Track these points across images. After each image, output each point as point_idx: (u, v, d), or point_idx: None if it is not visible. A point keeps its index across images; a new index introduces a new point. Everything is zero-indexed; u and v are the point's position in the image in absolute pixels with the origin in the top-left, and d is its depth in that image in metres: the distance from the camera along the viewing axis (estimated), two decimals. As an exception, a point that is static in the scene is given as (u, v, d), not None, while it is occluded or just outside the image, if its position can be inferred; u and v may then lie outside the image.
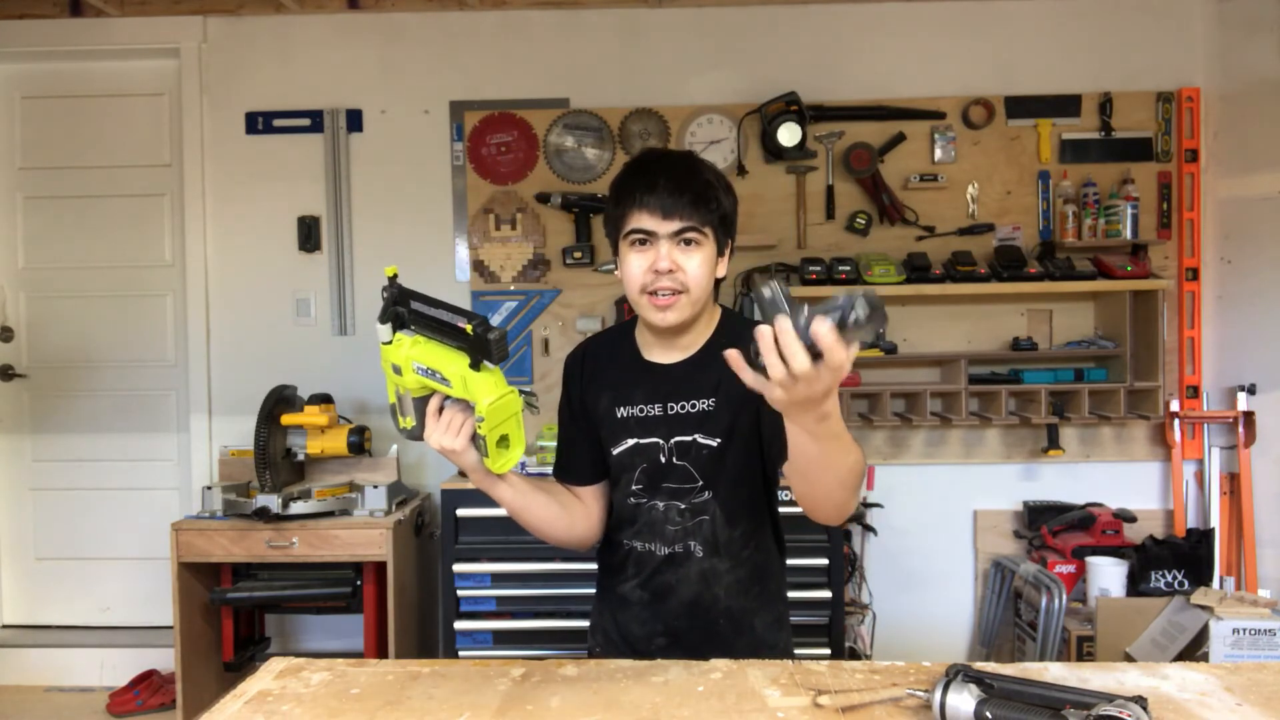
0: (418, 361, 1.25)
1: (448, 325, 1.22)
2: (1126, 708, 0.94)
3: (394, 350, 1.27)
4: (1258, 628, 2.28)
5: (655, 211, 1.32)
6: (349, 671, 1.24)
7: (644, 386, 1.44)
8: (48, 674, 3.42)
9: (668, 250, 1.33)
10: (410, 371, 1.26)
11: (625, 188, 1.37)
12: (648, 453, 1.44)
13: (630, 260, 1.35)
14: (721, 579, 1.46)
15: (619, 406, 1.45)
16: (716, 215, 1.36)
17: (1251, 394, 3.12)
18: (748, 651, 1.45)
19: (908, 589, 3.30)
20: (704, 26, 3.31)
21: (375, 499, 2.93)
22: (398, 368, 1.27)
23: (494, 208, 3.30)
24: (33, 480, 3.58)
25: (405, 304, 1.27)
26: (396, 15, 3.34)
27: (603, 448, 1.48)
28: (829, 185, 3.27)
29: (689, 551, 1.45)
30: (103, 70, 3.47)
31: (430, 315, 1.24)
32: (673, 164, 1.37)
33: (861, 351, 3.16)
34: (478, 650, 2.83)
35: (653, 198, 1.32)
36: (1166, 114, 3.23)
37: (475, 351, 1.20)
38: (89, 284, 3.52)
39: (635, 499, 1.46)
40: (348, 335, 3.38)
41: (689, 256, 1.34)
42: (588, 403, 1.49)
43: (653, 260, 1.33)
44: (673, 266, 1.33)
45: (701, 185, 1.34)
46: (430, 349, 1.25)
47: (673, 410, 1.42)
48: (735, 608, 1.48)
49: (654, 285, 1.34)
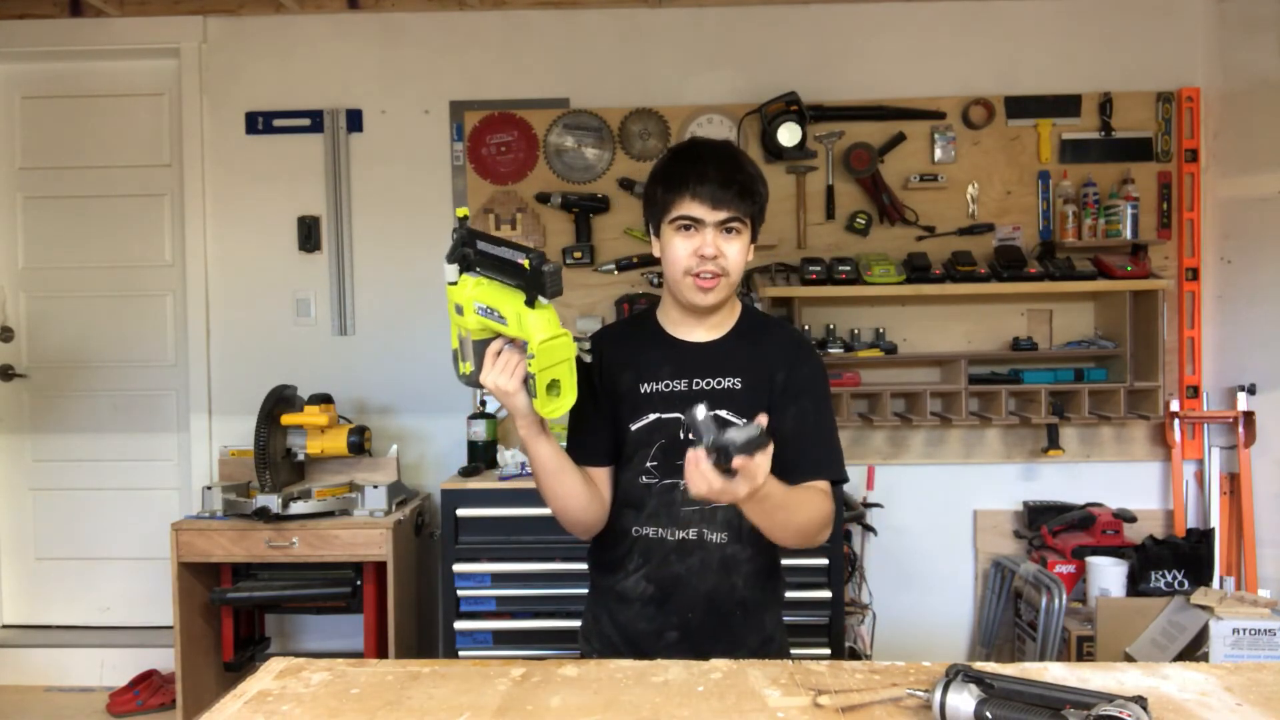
0: (478, 301, 1.30)
1: (509, 263, 1.26)
2: (1126, 708, 0.94)
3: (458, 290, 1.32)
4: (1258, 628, 2.28)
5: (705, 201, 1.39)
6: (349, 671, 1.24)
7: (672, 363, 1.48)
8: (48, 674, 3.42)
9: (713, 237, 1.40)
10: (471, 311, 1.30)
11: (676, 175, 1.42)
12: (667, 428, 1.46)
13: (676, 244, 1.42)
14: (741, 567, 1.47)
15: (643, 382, 1.48)
16: (757, 206, 1.45)
17: (1251, 394, 3.12)
18: (758, 648, 1.47)
19: (908, 589, 3.30)
20: (704, 26, 3.31)
21: (375, 499, 2.93)
22: (460, 308, 1.32)
23: (494, 208, 3.30)
24: (33, 480, 3.58)
25: (473, 245, 1.31)
26: (396, 15, 3.34)
27: (617, 427, 1.49)
28: (829, 185, 3.27)
29: (702, 538, 1.46)
30: (103, 70, 3.47)
31: (493, 254, 1.28)
32: (721, 156, 1.44)
33: (861, 352, 3.19)
34: (478, 650, 2.83)
35: (704, 188, 1.39)
36: (1166, 114, 3.23)
37: (530, 286, 1.24)
38: (89, 284, 3.52)
39: (647, 478, 1.47)
40: (348, 335, 3.38)
41: (730, 243, 1.42)
42: (606, 382, 1.51)
43: (698, 245, 1.41)
44: (717, 253, 1.40)
45: (747, 179, 1.42)
46: (490, 289, 1.29)
47: (698, 386, 1.46)
48: (750, 599, 1.49)
49: (698, 269, 1.41)
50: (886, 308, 3.26)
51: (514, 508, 2.79)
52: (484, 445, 3.11)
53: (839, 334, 3.23)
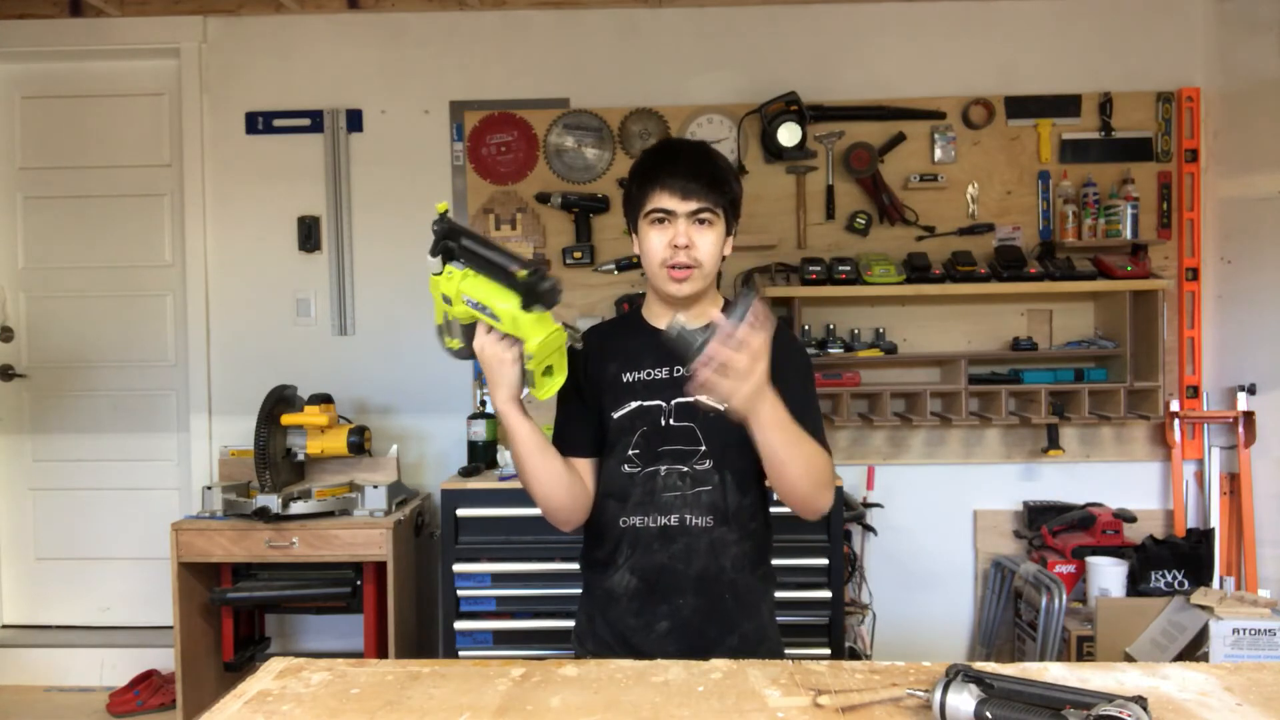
0: (468, 295, 1.29)
1: (500, 268, 1.27)
2: (1126, 708, 0.94)
3: (445, 282, 1.32)
4: (1258, 628, 2.28)
5: (675, 193, 1.43)
6: (349, 671, 1.24)
7: (654, 352, 1.50)
8: (48, 674, 3.42)
9: (685, 228, 1.44)
10: (460, 303, 1.30)
11: (647, 171, 1.48)
12: (649, 415, 1.48)
13: (650, 237, 1.46)
14: (729, 550, 1.48)
15: (626, 372, 1.52)
16: (728, 199, 1.48)
17: (1251, 394, 3.12)
18: (753, 636, 1.48)
19: (908, 589, 3.30)
20: (704, 26, 3.31)
21: (375, 499, 2.94)
22: (448, 298, 1.32)
23: (494, 208, 3.30)
24: (33, 480, 3.58)
25: (455, 239, 1.31)
26: (396, 15, 3.34)
27: (601, 418, 1.52)
28: (829, 185, 3.27)
29: (685, 523, 1.46)
30: (103, 70, 3.47)
31: (482, 255, 1.28)
32: (690, 151, 1.50)
33: (861, 352, 3.19)
34: (477, 650, 2.83)
35: (674, 180, 1.44)
36: (1166, 114, 3.23)
37: (526, 296, 1.24)
38: (89, 284, 3.52)
39: (630, 466, 1.48)
40: (348, 335, 3.38)
41: (703, 235, 1.45)
42: (593, 373, 1.53)
43: (671, 237, 1.44)
44: (688, 243, 1.44)
45: (717, 170, 1.47)
46: (481, 283, 1.29)
47: (679, 374, 1.47)
48: (741, 583, 1.49)
49: (672, 260, 1.45)
50: (886, 308, 3.26)
51: (514, 508, 2.79)
52: (484, 445, 3.11)
53: (839, 334, 3.23)
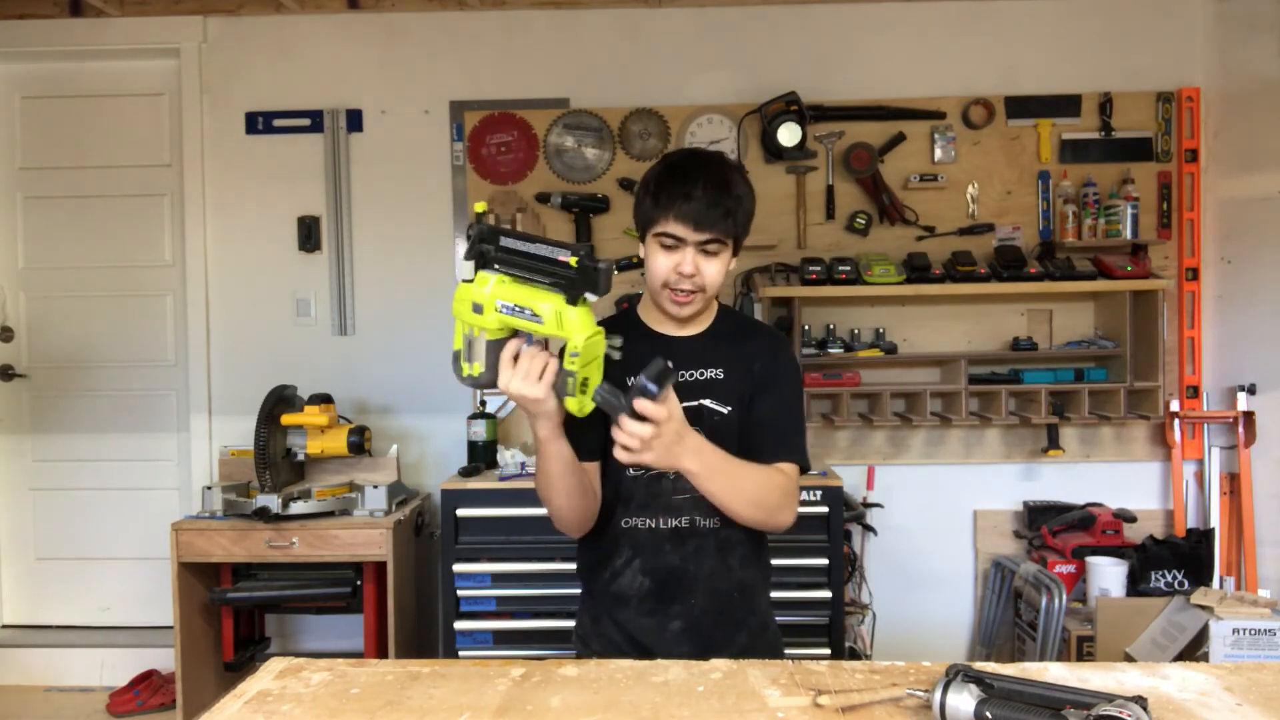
0: (502, 299, 1.23)
1: (546, 260, 1.21)
2: (1126, 708, 0.93)
3: (476, 288, 1.25)
4: (1258, 628, 2.27)
5: (689, 223, 1.40)
6: (349, 671, 1.24)
7: (654, 354, 1.47)
8: (48, 674, 3.42)
9: (692, 256, 1.42)
10: (493, 310, 1.24)
11: (663, 192, 1.42)
12: None
13: (658, 258, 1.44)
14: (736, 549, 1.51)
15: (627, 375, 1.48)
16: (740, 226, 1.45)
17: (1251, 394, 3.12)
18: (757, 630, 1.52)
19: (908, 589, 3.30)
20: (704, 26, 3.31)
21: (375, 499, 2.93)
22: (479, 306, 1.25)
23: (494, 208, 3.30)
24: (33, 480, 3.58)
25: (493, 241, 1.25)
26: (396, 15, 3.34)
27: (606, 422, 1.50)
28: (829, 185, 3.27)
29: (695, 524, 1.48)
30: (103, 70, 3.47)
31: (526, 251, 1.23)
32: (710, 175, 1.42)
33: (861, 352, 3.19)
34: (477, 650, 2.83)
35: (689, 208, 1.39)
36: (1166, 114, 3.23)
37: (578, 284, 1.20)
38: (89, 284, 3.52)
39: (634, 470, 1.48)
40: (348, 335, 3.38)
41: (710, 263, 1.43)
42: None
43: (678, 262, 1.42)
44: (695, 271, 1.42)
45: (733, 201, 1.42)
46: (517, 287, 1.24)
47: (683, 377, 1.48)
48: (746, 579, 1.53)
49: (676, 284, 1.43)
50: (886, 308, 3.26)
51: (514, 508, 2.79)
52: (484, 445, 3.11)
53: (839, 334, 3.23)
